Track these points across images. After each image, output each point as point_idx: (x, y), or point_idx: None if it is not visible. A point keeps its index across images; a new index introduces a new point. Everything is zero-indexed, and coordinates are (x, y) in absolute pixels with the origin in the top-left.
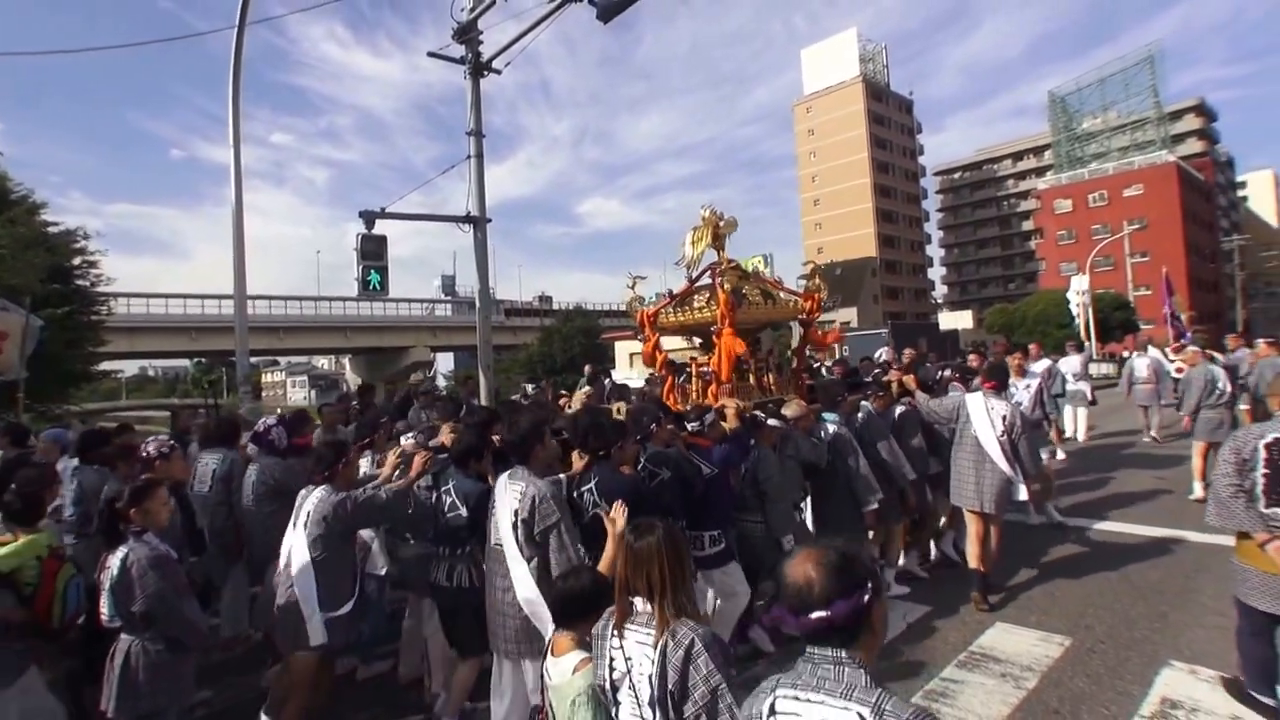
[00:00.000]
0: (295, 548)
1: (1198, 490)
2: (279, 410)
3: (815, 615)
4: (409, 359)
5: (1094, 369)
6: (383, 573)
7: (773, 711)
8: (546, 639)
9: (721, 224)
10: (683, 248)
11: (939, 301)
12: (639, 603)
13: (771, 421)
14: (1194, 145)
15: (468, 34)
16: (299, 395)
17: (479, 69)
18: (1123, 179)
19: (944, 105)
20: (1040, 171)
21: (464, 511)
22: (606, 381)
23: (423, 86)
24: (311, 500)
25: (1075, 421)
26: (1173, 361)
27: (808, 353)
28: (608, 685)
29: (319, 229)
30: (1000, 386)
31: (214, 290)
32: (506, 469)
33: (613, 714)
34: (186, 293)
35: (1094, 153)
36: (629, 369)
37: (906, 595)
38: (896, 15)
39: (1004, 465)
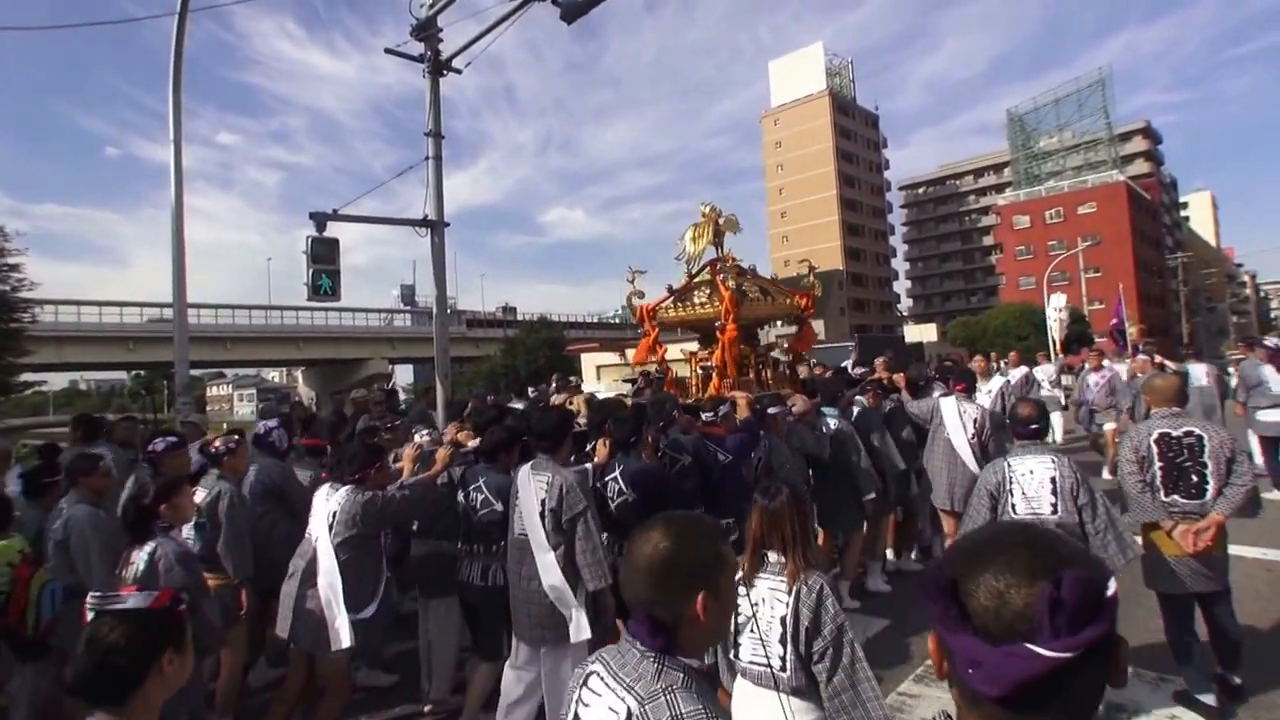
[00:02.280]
0: (321, 549)
1: None
2: (224, 425)
3: (1033, 428)
4: (366, 371)
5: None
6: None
7: (1010, 466)
8: (570, 623)
9: (721, 221)
10: (682, 244)
11: (904, 314)
12: (772, 555)
13: (773, 409)
14: (1141, 166)
15: (427, 30)
16: (247, 409)
17: (438, 67)
18: (1077, 197)
19: (908, 121)
20: (1000, 188)
21: (499, 507)
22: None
23: (381, 88)
24: (336, 500)
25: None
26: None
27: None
28: (731, 629)
29: (269, 235)
30: (970, 389)
31: (155, 299)
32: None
33: (730, 655)
34: (123, 300)
35: (1050, 171)
36: (596, 381)
37: (873, 599)
38: (861, 31)
39: (974, 466)
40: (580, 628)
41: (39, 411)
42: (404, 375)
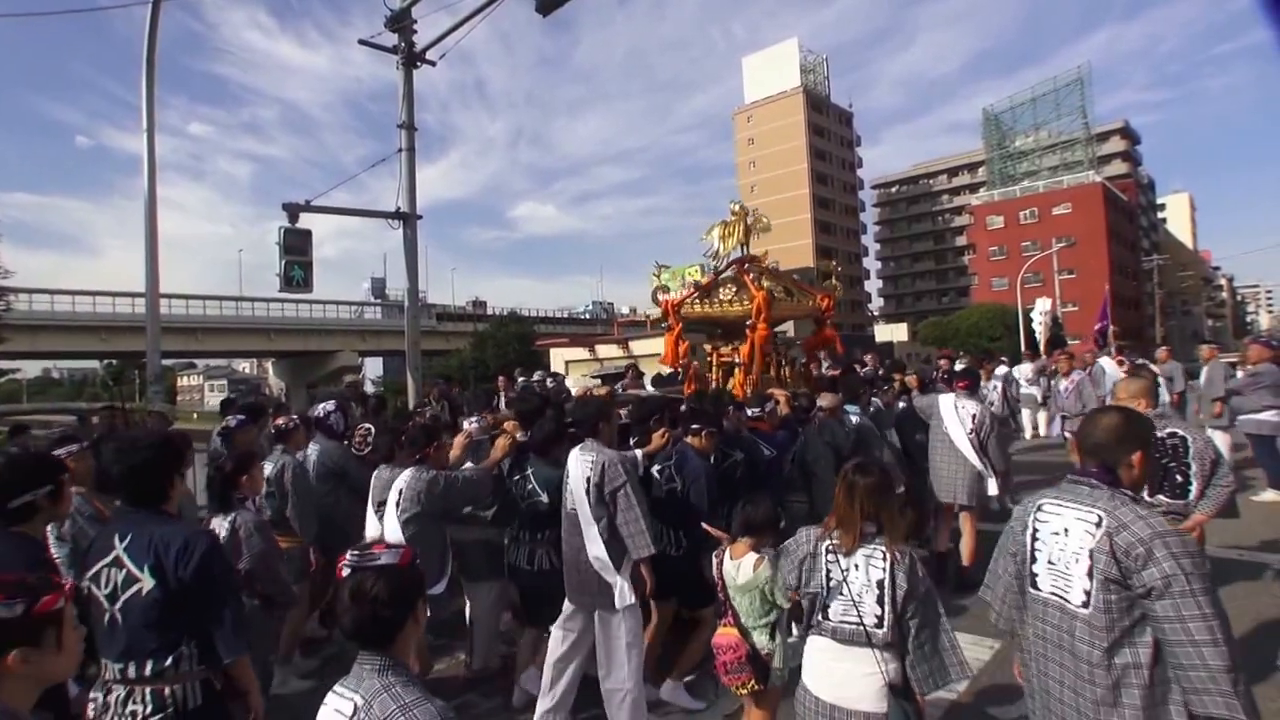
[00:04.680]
0: (388, 527)
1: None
2: (194, 415)
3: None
4: (335, 363)
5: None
6: None
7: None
8: (615, 590)
9: (750, 220)
10: (709, 239)
11: (875, 314)
12: (868, 527)
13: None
14: (1119, 166)
15: (401, 22)
16: (217, 400)
17: (412, 59)
18: (1052, 197)
19: (882, 118)
20: (974, 188)
21: (545, 497)
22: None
23: (352, 81)
24: (403, 479)
25: (1033, 421)
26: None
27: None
28: (823, 593)
29: (241, 227)
30: (972, 387)
31: (126, 288)
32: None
33: (816, 619)
34: (97, 289)
35: (1025, 170)
36: (566, 377)
37: None
38: (836, 28)
39: (974, 460)
40: (623, 595)
41: (13, 399)
42: (373, 368)
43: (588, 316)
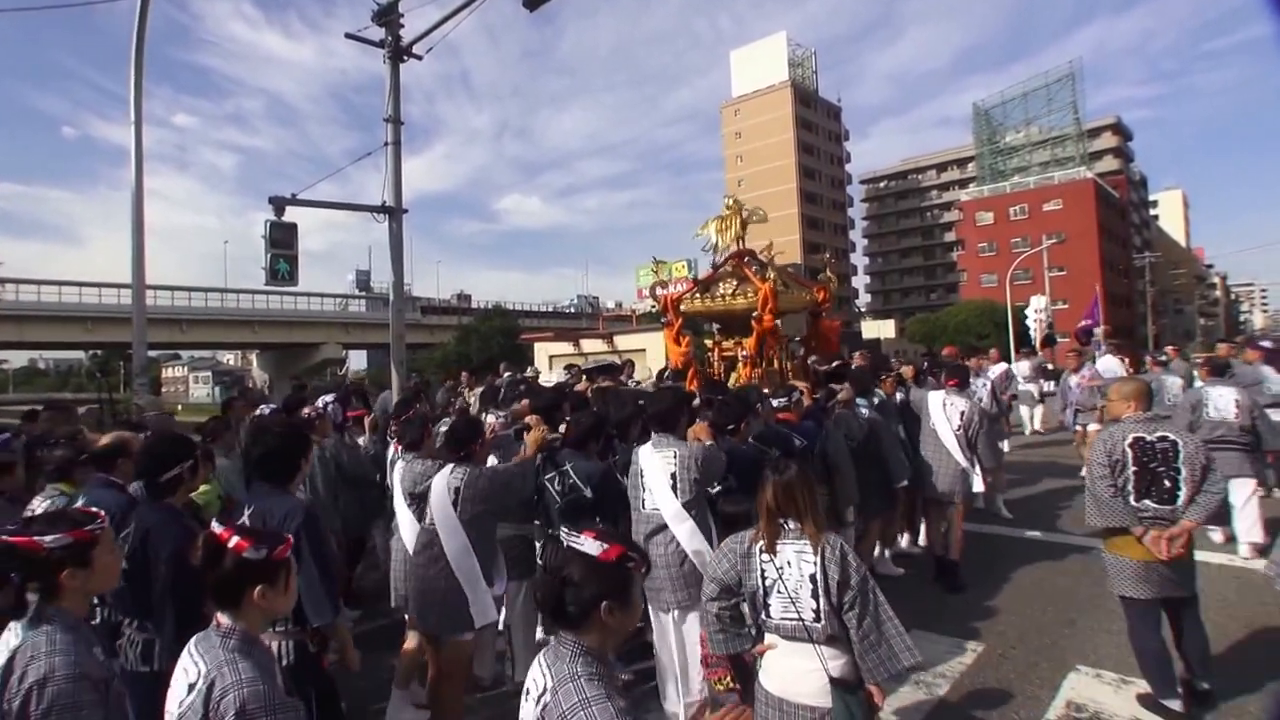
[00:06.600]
0: (446, 528)
1: None
2: (179, 406)
3: (1229, 372)
4: (320, 355)
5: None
6: None
7: (1205, 391)
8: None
9: (745, 214)
10: (705, 233)
11: (862, 310)
12: (790, 523)
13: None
14: (1110, 163)
15: (388, 16)
16: (201, 391)
17: (399, 53)
18: (1042, 193)
19: (871, 113)
20: (963, 183)
21: (588, 492)
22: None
23: (337, 73)
24: (457, 478)
25: (1030, 418)
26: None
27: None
28: (760, 592)
29: (226, 218)
30: (962, 384)
31: (108, 278)
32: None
33: (760, 618)
34: (83, 280)
35: (1016, 166)
36: (548, 371)
37: (882, 582)
38: (824, 21)
39: (959, 457)
40: None
41: None
42: (357, 361)
43: (573, 311)
